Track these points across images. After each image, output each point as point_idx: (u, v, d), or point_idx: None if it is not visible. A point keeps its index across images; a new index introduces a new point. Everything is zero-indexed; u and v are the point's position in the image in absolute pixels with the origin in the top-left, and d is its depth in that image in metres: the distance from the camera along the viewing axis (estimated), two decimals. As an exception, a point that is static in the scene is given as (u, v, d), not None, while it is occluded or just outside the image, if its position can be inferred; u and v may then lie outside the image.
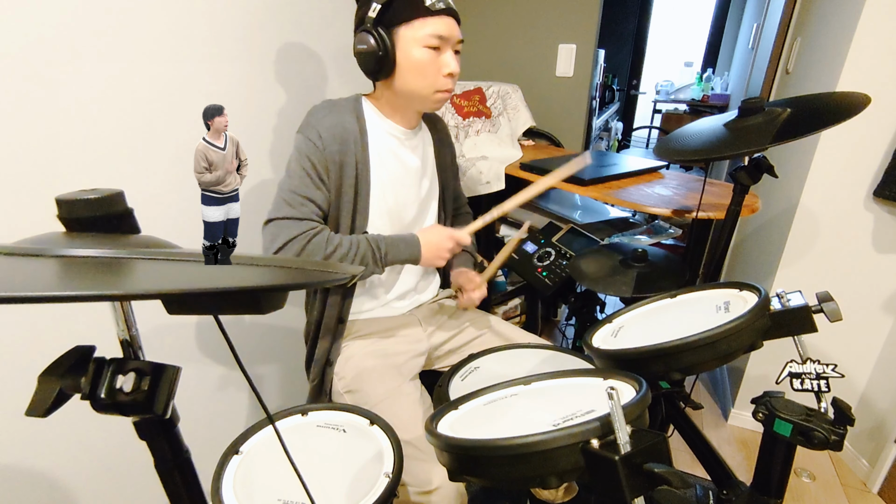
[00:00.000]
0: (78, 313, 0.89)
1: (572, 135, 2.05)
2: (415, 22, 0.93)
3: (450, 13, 0.95)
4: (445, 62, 0.97)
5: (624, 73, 5.22)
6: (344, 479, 0.72)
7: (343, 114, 1.00)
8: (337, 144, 0.97)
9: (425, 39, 0.94)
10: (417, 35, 0.94)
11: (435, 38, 0.94)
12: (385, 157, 1.05)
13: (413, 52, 0.95)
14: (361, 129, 1.01)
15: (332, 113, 0.99)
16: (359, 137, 1.00)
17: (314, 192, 0.96)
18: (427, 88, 0.99)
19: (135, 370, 0.41)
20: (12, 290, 0.28)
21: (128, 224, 0.45)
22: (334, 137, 0.96)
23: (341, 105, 1.02)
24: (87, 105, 0.86)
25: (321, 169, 0.96)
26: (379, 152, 1.03)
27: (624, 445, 0.47)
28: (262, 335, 1.44)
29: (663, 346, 0.71)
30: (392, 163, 1.06)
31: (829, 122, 0.90)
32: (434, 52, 0.95)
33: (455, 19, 0.97)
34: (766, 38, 2.43)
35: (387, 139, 1.05)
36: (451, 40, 0.97)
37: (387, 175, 1.05)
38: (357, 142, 0.99)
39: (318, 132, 0.96)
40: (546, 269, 1.53)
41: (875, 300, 1.48)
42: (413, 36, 0.94)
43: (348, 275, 0.41)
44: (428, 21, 0.93)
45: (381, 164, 1.04)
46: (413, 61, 0.95)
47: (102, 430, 0.97)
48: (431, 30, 0.93)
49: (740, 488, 0.96)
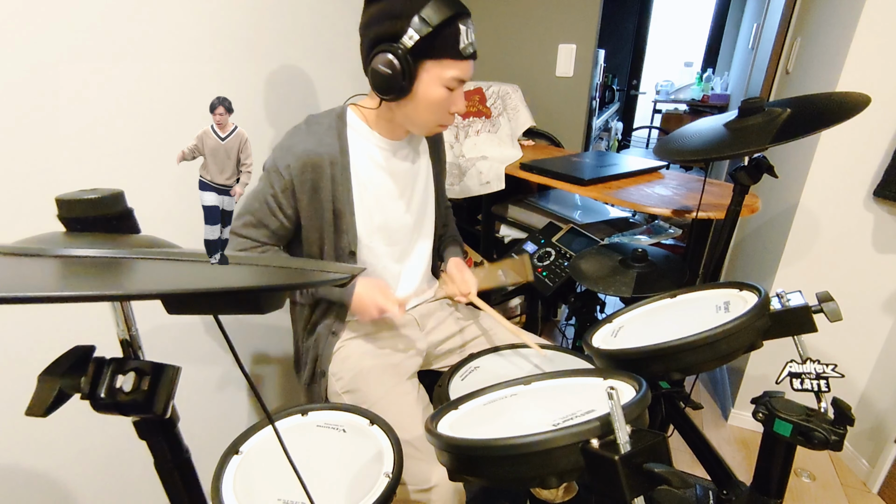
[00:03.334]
0: (78, 313, 0.89)
1: (572, 135, 2.06)
2: (444, 61, 0.92)
3: (473, 57, 0.96)
4: (454, 101, 0.98)
5: (624, 73, 5.22)
6: (344, 479, 0.72)
7: (321, 135, 0.98)
8: (309, 172, 0.96)
9: (449, 81, 0.94)
10: (444, 75, 0.93)
11: (457, 81, 0.94)
12: (372, 174, 1.03)
13: (433, 88, 0.94)
14: (342, 148, 1.00)
15: (309, 136, 0.97)
16: (338, 158, 0.98)
17: (269, 219, 0.99)
18: (432, 122, 1.00)
19: (135, 370, 0.41)
20: (12, 290, 0.28)
21: (128, 224, 0.45)
22: (305, 166, 0.95)
23: (322, 124, 1.00)
24: (87, 105, 0.86)
25: (283, 198, 0.97)
26: (363, 170, 1.02)
27: (624, 445, 0.47)
28: (262, 335, 1.44)
29: (663, 346, 0.71)
30: (380, 177, 1.04)
31: (829, 122, 0.90)
32: (450, 91, 0.96)
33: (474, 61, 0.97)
34: (766, 38, 2.43)
35: (373, 153, 1.04)
36: (466, 81, 0.97)
37: (373, 191, 1.03)
38: (335, 163, 0.98)
39: (288, 162, 0.95)
40: (546, 269, 1.53)
41: (875, 300, 1.48)
42: (439, 75, 0.93)
43: (347, 274, 0.41)
44: (459, 65, 0.93)
45: (367, 181, 1.03)
46: (430, 97, 0.95)
47: (102, 430, 0.97)
48: (457, 73, 0.93)
49: (740, 488, 0.96)
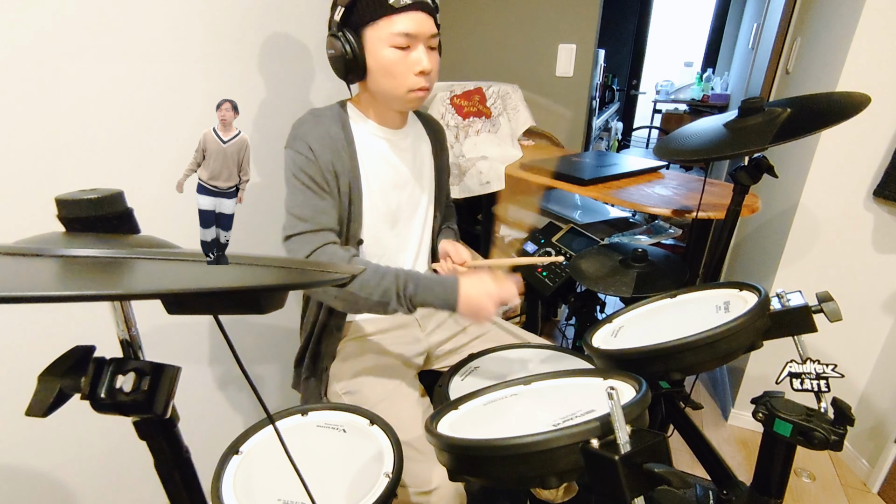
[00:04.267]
0: (78, 313, 0.89)
1: (572, 135, 2.05)
2: (380, 21, 0.89)
3: (418, 7, 0.90)
4: (416, 60, 0.92)
5: (624, 73, 5.22)
6: (344, 479, 0.72)
7: (328, 124, 0.98)
8: (329, 153, 0.95)
9: (391, 39, 0.90)
10: (383, 35, 0.90)
11: (401, 36, 0.89)
12: (375, 163, 1.03)
13: (381, 53, 0.91)
14: (347, 137, 0.99)
15: (318, 124, 0.97)
16: (345, 146, 0.98)
17: (320, 202, 0.94)
18: (399, 89, 0.95)
19: (135, 370, 0.41)
20: (12, 290, 0.28)
21: (128, 224, 0.45)
22: (324, 147, 0.94)
23: (325, 115, 1.00)
24: (86, 105, 0.86)
25: (319, 179, 0.94)
26: (368, 159, 1.02)
27: (624, 445, 0.47)
28: (262, 335, 1.43)
29: (663, 346, 0.71)
30: (383, 168, 1.04)
31: (829, 122, 0.90)
32: (403, 50, 0.91)
33: (426, 13, 0.91)
34: (766, 38, 2.43)
35: (375, 143, 1.03)
36: (422, 36, 0.92)
37: (377, 181, 1.03)
38: (344, 150, 0.98)
39: (308, 144, 0.93)
40: (546, 269, 1.53)
41: (875, 300, 1.48)
42: (379, 36, 0.90)
43: (347, 275, 0.41)
44: (394, 19, 0.88)
45: (371, 170, 1.02)
46: (382, 63, 0.92)
47: (102, 430, 0.97)
48: (397, 28, 0.89)
49: (740, 488, 0.96)
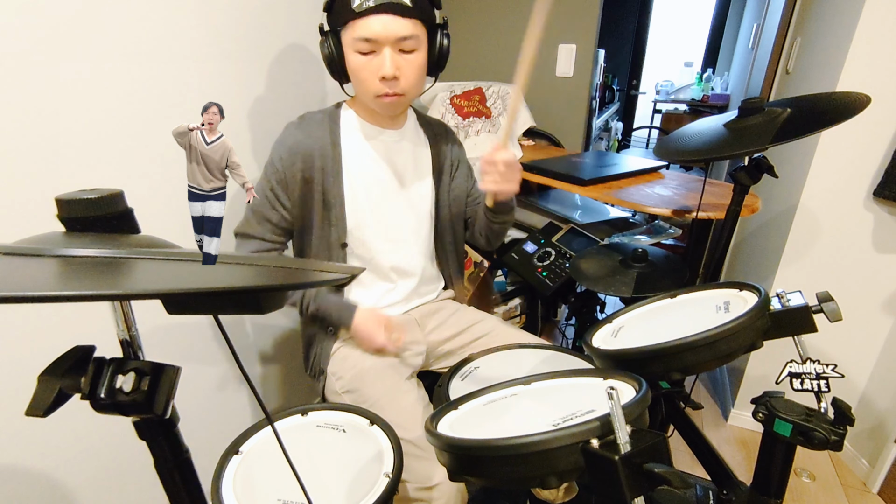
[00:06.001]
0: (78, 313, 0.89)
1: (572, 135, 2.05)
2: (347, 26, 0.88)
3: (384, 9, 0.85)
4: (379, 65, 0.89)
5: (624, 73, 5.22)
6: (344, 479, 0.72)
7: (313, 128, 0.99)
8: (300, 162, 0.97)
9: (354, 44, 0.89)
10: (348, 40, 0.90)
11: (362, 41, 0.87)
12: (365, 166, 1.03)
13: (349, 57, 0.91)
14: (334, 141, 1.00)
15: (300, 129, 0.99)
16: (328, 150, 0.98)
17: (270, 212, 0.99)
18: (366, 94, 0.95)
19: (135, 370, 0.42)
20: (12, 290, 0.28)
21: (128, 224, 0.45)
22: (295, 155, 0.97)
23: (314, 119, 1.01)
24: (86, 105, 0.86)
25: (279, 190, 0.98)
26: (356, 162, 1.02)
27: (624, 445, 0.47)
28: (262, 335, 1.44)
29: (663, 346, 0.71)
30: (374, 170, 1.04)
31: (829, 122, 0.90)
32: (367, 55, 0.89)
33: (396, 14, 0.86)
34: (766, 38, 2.43)
35: (367, 145, 1.03)
36: (387, 40, 0.88)
37: (366, 185, 1.03)
38: (326, 155, 0.98)
39: (280, 153, 0.97)
40: (546, 269, 1.53)
41: (875, 300, 1.48)
42: (346, 41, 0.90)
43: (347, 275, 0.41)
44: (357, 24, 0.87)
45: (359, 173, 1.02)
46: (351, 67, 0.93)
47: (102, 430, 0.97)
48: (358, 33, 0.87)
49: (740, 488, 0.96)
